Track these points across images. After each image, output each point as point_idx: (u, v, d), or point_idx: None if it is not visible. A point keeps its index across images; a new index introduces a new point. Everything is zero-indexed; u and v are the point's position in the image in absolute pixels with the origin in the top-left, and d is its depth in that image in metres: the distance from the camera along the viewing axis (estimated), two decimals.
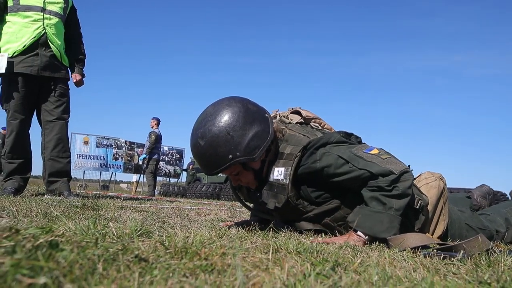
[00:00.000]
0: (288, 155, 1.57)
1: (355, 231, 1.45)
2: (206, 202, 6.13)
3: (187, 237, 1.06)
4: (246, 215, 2.88)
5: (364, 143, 1.71)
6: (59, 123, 3.54)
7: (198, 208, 3.40)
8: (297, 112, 1.82)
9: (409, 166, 1.69)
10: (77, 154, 13.60)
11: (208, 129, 1.49)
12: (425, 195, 1.67)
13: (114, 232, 1.04)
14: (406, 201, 1.46)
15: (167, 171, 15.85)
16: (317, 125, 1.80)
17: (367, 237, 1.43)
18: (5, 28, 3.37)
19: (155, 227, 1.56)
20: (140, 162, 10.65)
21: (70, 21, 3.68)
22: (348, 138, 1.67)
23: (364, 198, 1.49)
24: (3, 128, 11.17)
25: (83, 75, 3.75)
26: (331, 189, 1.60)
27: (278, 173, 1.57)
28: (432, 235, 1.68)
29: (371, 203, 1.45)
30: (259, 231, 1.58)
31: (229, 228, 1.67)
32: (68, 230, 1.05)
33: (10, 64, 3.28)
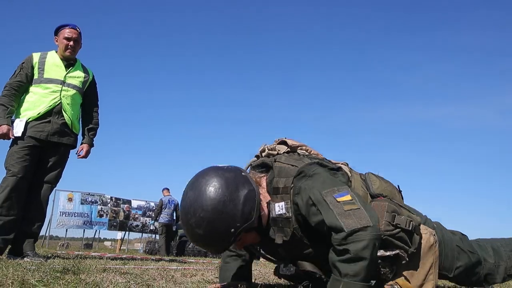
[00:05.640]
0: (283, 188, 1.58)
1: None
2: (193, 260, 5.93)
3: None
4: None
5: (342, 174, 1.70)
6: (46, 186, 3.60)
7: (184, 268, 3.28)
8: (284, 142, 1.83)
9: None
10: (60, 212, 13.19)
11: (200, 217, 1.44)
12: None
13: None
14: (364, 264, 1.35)
15: (154, 228, 15.45)
16: (304, 151, 1.81)
17: None
18: (27, 97, 3.63)
19: None
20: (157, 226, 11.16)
21: (88, 93, 3.92)
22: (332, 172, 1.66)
23: None
24: None
25: (91, 145, 3.90)
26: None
27: (279, 207, 1.57)
28: None
29: (332, 269, 1.42)
30: None
31: None
32: None
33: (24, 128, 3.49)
